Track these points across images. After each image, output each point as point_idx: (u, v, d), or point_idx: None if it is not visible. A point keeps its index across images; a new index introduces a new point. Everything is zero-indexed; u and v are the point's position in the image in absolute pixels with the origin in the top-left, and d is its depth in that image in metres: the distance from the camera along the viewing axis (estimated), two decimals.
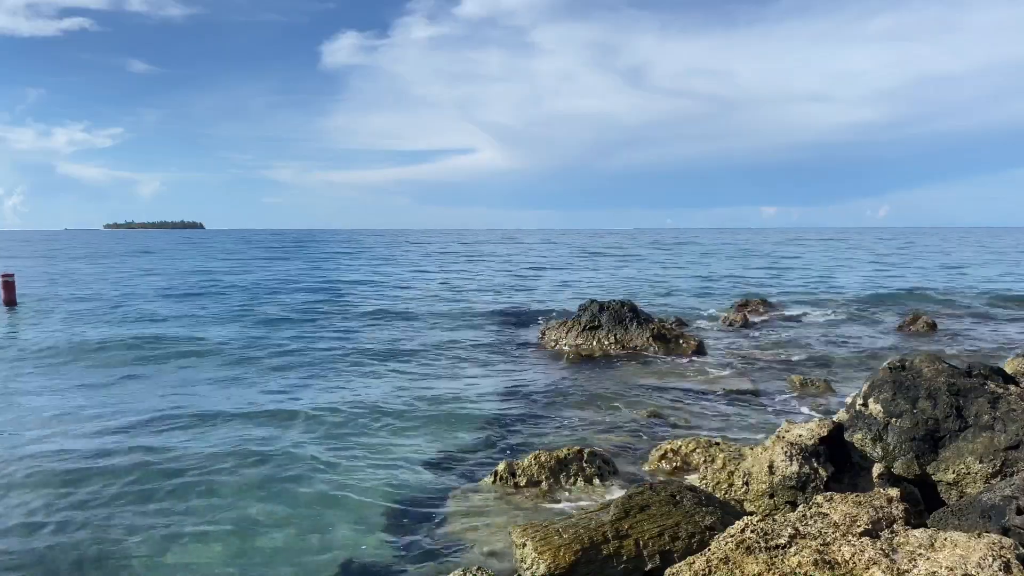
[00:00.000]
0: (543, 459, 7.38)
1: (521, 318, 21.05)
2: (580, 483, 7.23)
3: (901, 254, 62.54)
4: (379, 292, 29.49)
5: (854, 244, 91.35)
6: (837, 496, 4.42)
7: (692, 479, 6.64)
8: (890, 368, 6.78)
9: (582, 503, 6.76)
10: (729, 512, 5.32)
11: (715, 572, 3.89)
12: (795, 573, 3.73)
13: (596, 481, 7.27)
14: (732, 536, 4.11)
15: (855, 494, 4.47)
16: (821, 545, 3.88)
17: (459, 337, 17.50)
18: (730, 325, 19.37)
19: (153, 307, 23.92)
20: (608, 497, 6.63)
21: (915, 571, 3.59)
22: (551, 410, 10.62)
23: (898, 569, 3.61)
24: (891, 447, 6.23)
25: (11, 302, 23.74)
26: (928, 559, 3.64)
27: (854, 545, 3.83)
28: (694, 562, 4.02)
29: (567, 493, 7.10)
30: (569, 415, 10.29)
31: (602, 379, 12.74)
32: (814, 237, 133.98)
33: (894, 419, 6.30)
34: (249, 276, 38.66)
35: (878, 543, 3.84)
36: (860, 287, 30.75)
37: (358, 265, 48.95)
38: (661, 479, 7.20)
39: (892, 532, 3.99)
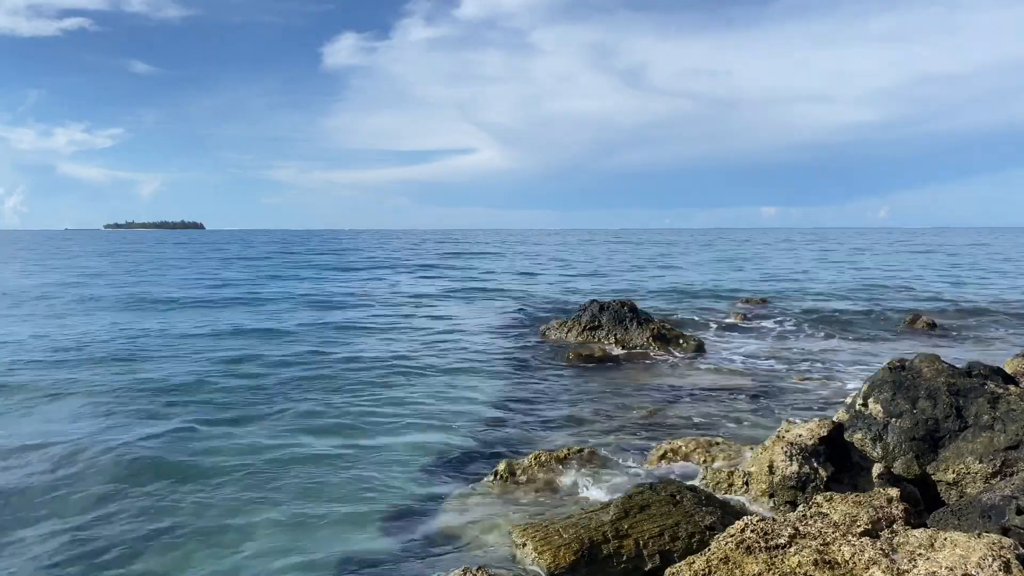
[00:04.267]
0: (543, 459, 7.38)
1: (521, 318, 21.04)
2: (580, 483, 7.23)
3: (902, 253, 62.49)
4: (376, 291, 29.50)
5: (855, 244, 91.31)
6: (837, 496, 4.42)
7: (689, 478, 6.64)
8: (890, 368, 6.78)
9: (582, 503, 6.76)
10: (729, 512, 5.32)
11: (715, 572, 3.89)
12: (795, 573, 3.73)
13: (596, 481, 7.27)
14: (732, 536, 4.11)
15: (855, 494, 4.48)
16: (821, 545, 3.88)
17: (459, 337, 17.50)
18: (730, 325, 19.38)
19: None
20: (608, 497, 6.63)
21: (915, 571, 3.59)
22: (551, 410, 10.62)
23: (898, 569, 3.62)
24: (891, 447, 6.23)
25: None
26: (928, 559, 3.64)
27: (854, 545, 3.83)
28: (694, 562, 4.02)
29: (567, 493, 7.09)
30: (569, 415, 10.29)
31: (602, 379, 12.74)
32: (815, 237, 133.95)
33: (894, 419, 6.30)
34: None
35: (878, 543, 3.84)
36: (861, 287, 30.73)
37: (349, 267, 48.92)
38: (661, 479, 7.20)
39: (892, 532, 3.99)
